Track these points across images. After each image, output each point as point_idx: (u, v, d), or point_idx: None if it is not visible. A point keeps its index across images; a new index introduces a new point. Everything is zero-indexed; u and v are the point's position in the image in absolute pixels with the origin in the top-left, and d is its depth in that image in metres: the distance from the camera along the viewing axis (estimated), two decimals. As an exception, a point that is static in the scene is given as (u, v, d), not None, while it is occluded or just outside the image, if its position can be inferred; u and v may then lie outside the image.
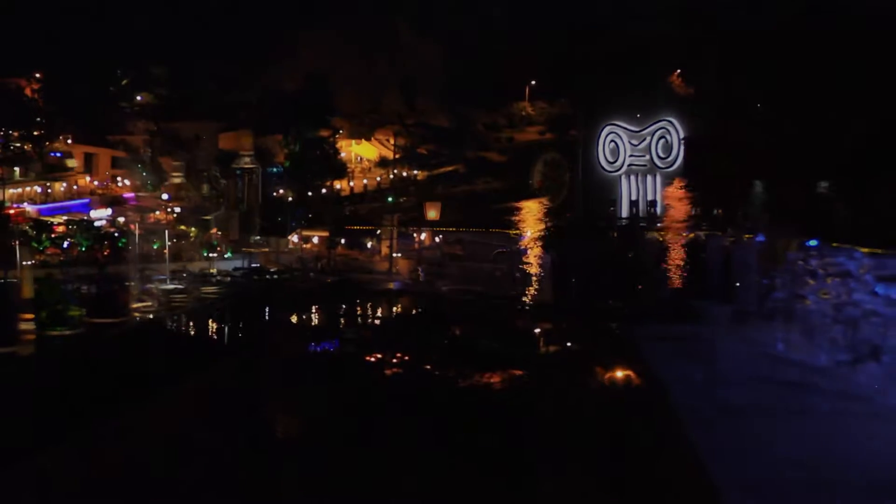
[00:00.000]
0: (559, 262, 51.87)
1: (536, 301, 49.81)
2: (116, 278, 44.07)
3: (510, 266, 55.27)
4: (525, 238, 54.38)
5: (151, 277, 50.76)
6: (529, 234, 54.40)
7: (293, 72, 71.85)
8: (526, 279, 52.35)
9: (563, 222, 56.14)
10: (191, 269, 56.42)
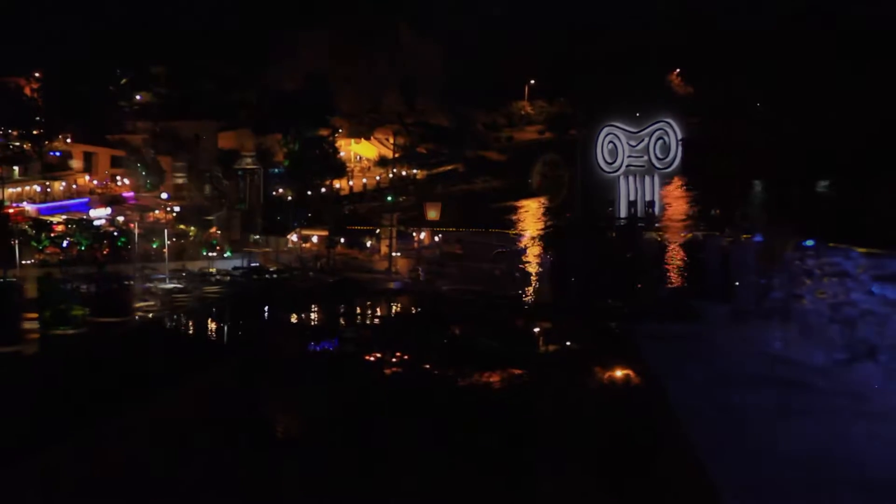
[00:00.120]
0: (558, 262, 51.99)
1: (536, 300, 49.90)
2: (116, 277, 44.16)
3: (510, 265, 55.36)
4: (524, 237, 54.49)
5: (151, 277, 50.87)
6: (529, 234, 54.51)
7: (293, 72, 71.97)
8: (525, 279, 52.46)
9: (563, 222, 56.27)
10: (190, 269, 56.44)
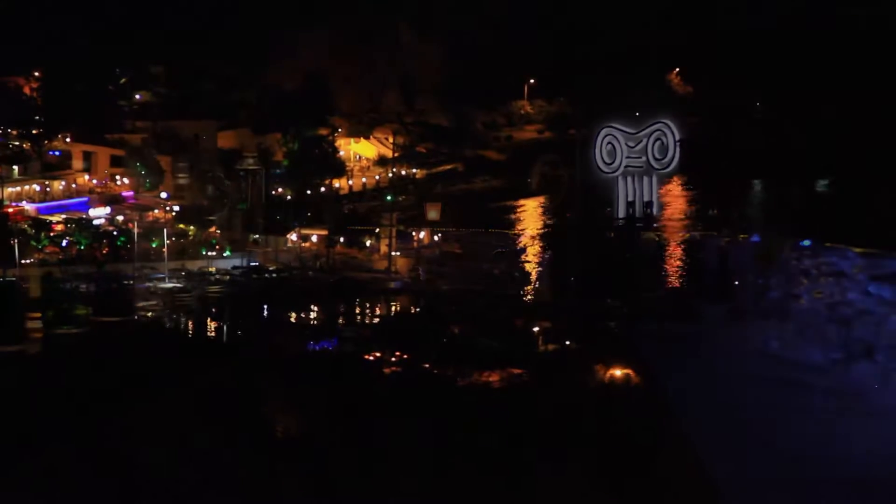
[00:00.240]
0: (558, 262, 52.05)
1: (535, 300, 49.99)
2: (115, 277, 44.27)
3: (509, 265, 55.43)
4: (524, 237, 54.58)
5: (150, 276, 50.88)
6: (528, 234, 54.60)
7: (293, 72, 72.01)
8: (525, 278, 52.54)
9: (562, 222, 56.34)
10: (190, 268, 56.43)
